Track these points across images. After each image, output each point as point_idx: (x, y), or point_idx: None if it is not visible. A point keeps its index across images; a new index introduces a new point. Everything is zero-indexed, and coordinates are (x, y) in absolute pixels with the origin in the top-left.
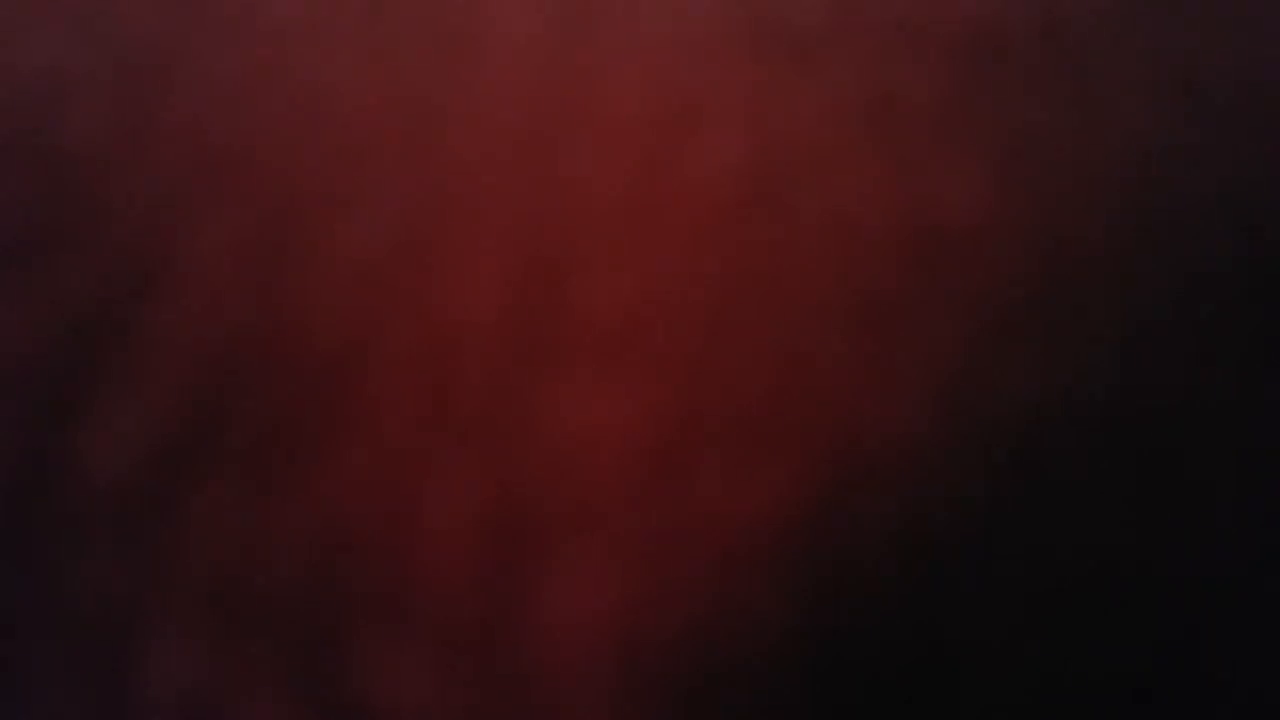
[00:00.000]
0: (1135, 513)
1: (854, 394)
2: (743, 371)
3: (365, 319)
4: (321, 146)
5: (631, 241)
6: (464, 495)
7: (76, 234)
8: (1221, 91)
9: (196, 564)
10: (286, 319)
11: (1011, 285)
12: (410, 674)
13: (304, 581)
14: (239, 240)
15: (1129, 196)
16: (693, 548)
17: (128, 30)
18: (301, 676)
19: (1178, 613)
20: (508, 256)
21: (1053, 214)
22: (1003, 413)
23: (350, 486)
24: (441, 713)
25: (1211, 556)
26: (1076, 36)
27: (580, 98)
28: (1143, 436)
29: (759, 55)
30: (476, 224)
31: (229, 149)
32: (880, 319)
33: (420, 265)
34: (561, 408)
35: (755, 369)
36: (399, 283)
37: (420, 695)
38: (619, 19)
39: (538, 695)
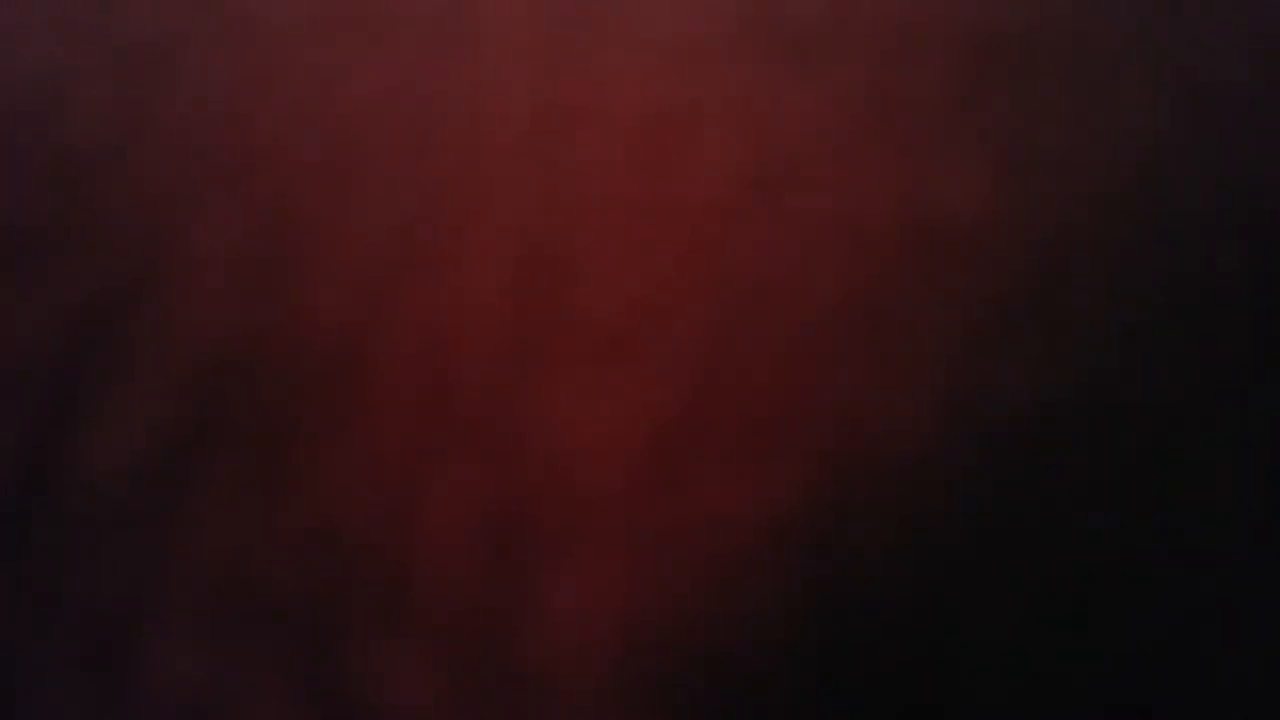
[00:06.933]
0: (1135, 510)
1: (854, 394)
2: (743, 371)
3: (365, 319)
4: (321, 146)
5: (632, 241)
6: (464, 495)
7: (76, 234)
8: (1222, 91)
9: (197, 563)
10: (286, 319)
11: (1012, 284)
12: (410, 674)
13: (304, 581)
14: (239, 240)
15: (1129, 196)
16: (693, 548)
17: (128, 30)
18: (301, 676)
19: (1178, 611)
20: (508, 256)
21: (1053, 213)
22: (1003, 411)
23: (350, 486)
24: (441, 713)
25: (1211, 554)
26: (1077, 37)
27: (580, 97)
28: (1142, 435)
29: (759, 55)
30: (477, 224)
31: (229, 149)
32: (880, 319)
33: (420, 265)
34: (561, 408)
35: (755, 369)
36: (399, 282)
37: (420, 695)
38: (619, 18)
39: (537, 694)
